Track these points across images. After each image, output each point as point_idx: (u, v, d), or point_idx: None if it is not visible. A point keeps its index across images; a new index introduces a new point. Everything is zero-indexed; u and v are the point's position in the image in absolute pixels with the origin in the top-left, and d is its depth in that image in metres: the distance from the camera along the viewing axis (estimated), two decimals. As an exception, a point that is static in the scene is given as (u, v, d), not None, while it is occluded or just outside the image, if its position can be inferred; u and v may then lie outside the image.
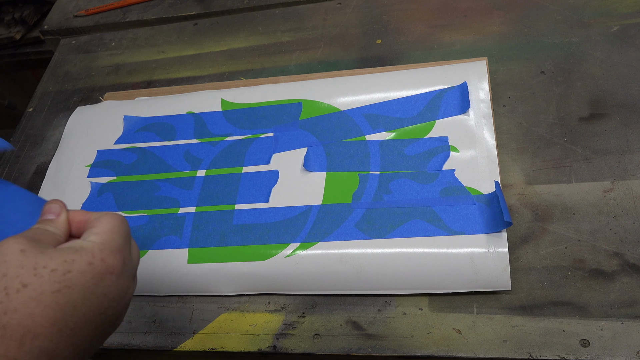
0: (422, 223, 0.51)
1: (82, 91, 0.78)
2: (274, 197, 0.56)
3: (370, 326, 0.49)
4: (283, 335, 0.50)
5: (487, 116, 0.56)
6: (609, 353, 0.43)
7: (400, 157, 0.56)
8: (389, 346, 0.47)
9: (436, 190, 0.53)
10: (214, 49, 0.77)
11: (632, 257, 0.47)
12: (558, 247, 0.49)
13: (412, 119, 0.58)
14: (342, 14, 0.75)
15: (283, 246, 0.53)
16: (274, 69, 0.71)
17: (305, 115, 0.62)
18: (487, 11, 0.68)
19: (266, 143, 0.61)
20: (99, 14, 0.87)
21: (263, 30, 0.77)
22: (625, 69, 0.58)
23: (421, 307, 0.49)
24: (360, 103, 0.61)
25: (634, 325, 0.44)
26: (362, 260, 0.50)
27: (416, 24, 0.70)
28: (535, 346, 0.45)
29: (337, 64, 0.69)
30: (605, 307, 0.45)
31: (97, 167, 0.65)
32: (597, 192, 0.51)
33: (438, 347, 0.46)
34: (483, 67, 0.59)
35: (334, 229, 0.52)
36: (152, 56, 0.79)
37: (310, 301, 0.52)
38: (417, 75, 0.61)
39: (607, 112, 0.55)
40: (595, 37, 0.61)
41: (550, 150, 0.54)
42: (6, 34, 1.12)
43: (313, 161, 0.57)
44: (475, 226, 0.49)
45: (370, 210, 0.53)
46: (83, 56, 0.84)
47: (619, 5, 0.63)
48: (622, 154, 0.52)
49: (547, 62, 0.61)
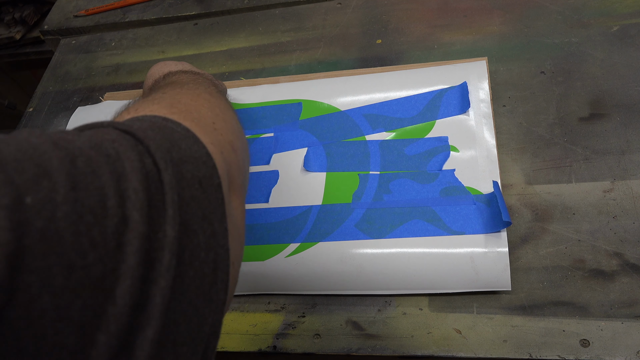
0: (422, 223, 0.51)
1: (82, 91, 0.78)
2: (274, 198, 0.56)
3: (370, 326, 0.49)
4: (283, 335, 0.50)
5: (487, 116, 0.56)
6: (609, 353, 0.43)
7: (400, 157, 0.56)
8: (389, 346, 0.47)
9: (436, 190, 0.53)
10: (214, 49, 0.77)
11: (632, 257, 0.47)
12: (558, 247, 0.49)
13: (412, 119, 0.58)
14: (342, 14, 0.75)
15: (283, 246, 0.53)
16: (274, 69, 0.71)
17: (305, 116, 0.62)
18: (487, 11, 0.68)
19: (266, 143, 0.61)
20: (99, 14, 0.87)
21: (263, 30, 0.77)
22: (625, 69, 0.58)
23: (421, 307, 0.49)
24: (360, 103, 0.61)
25: (634, 325, 0.44)
26: (362, 260, 0.50)
27: (416, 24, 0.70)
28: (535, 346, 0.45)
29: (337, 64, 0.69)
30: (605, 307, 0.45)
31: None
32: (597, 192, 0.51)
33: (438, 347, 0.46)
34: (483, 67, 0.59)
35: (334, 229, 0.52)
36: (152, 56, 0.79)
37: (310, 301, 0.52)
38: (417, 75, 0.61)
39: (607, 112, 0.55)
40: (595, 37, 0.61)
41: (550, 150, 0.54)
42: (6, 34, 1.12)
43: (313, 161, 0.57)
44: (475, 226, 0.49)
45: (370, 210, 0.53)
46: (83, 56, 0.84)
47: (619, 5, 0.63)
48: (622, 154, 0.52)
49: (547, 62, 0.61)
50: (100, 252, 0.20)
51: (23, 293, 0.17)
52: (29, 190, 0.18)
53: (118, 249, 0.20)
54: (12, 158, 0.19)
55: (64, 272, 0.18)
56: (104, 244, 0.20)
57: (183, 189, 0.24)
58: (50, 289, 0.18)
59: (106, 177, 0.21)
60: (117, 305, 0.20)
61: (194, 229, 0.24)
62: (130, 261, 0.20)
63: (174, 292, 0.22)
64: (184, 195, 0.24)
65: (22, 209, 0.18)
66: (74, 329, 0.18)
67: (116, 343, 0.19)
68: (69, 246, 0.19)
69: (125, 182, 0.22)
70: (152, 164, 0.24)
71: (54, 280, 0.18)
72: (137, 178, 0.22)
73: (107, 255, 0.20)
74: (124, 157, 0.23)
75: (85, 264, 0.19)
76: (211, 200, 0.26)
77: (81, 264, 0.19)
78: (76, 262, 0.19)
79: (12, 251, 0.17)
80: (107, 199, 0.21)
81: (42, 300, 0.17)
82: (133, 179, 0.22)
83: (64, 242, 0.18)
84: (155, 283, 0.21)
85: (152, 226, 0.22)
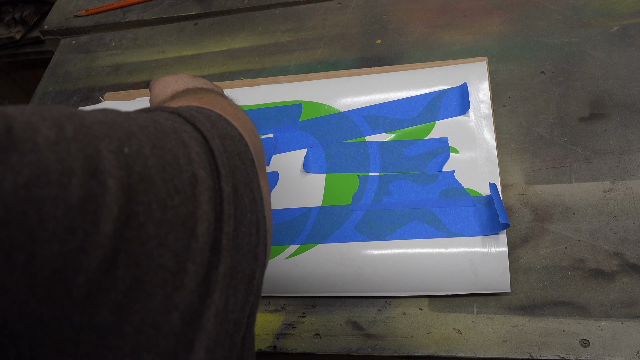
0: (422, 225, 0.51)
1: (82, 91, 0.78)
2: (274, 199, 0.56)
3: (370, 326, 0.49)
4: (283, 335, 0.50)
5: (487, 117, 0.56)
6: (609, 353, 0.43)
7: (400, 159, 0.56)
8: (389, 346, 0.47)
9: (436, 192, 0.53)
10: (214, 49, 0.77)
11: (632, 257, 0.47)
12: (558, 247, 0.49)
13: (412, 120, 0.58)
14: (342, 14, 0.75)
15: (282, 248, 0.53)
16: (274, 69, 0.71)
17: (305, 117, 0.62)
18: (487, 11, 0.68)
19: (266, 144, 0.61)
20: (99, 14, 0.87)
21: (263, 30, 0.77)
22: (625, 69, 0.58)
23: (421, 307, 0.49)
24: (360, 104, 0.61)
25: (634, 325, 0.44)
26: (362, 262, 0.50)
27: (416, 24, 0.70)
28: (535, 346, 0.45)
29: (337, 64, 0.69)
30: (605, 307, 0.45)
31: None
32: (597, 192, 0.51)
33: (438, 347, 0.46)
34: (483, 68, 0.59)
35: (334, 230, 0.52)
36: (152, 56, 0.79)
37: (310, 301, 0.52)
38: (417, 76, 0.61)
39: (607, 112, 0.55)
40: (595, 37, 0.61)
41: (550, 150, 0.54)
42: (6, 34, 1.12)
43: (313, 162, 0.57)
44: (474, 228, 0.49)
45: (369, 212, 0.53)
46: (83, 56, 0.84)
47: (619, 5, 0.63)
48: (622, 154, 0.52)
49: (547, 62, 0.61)
50: (182, 197, 0.23)
51: (134, 219, 0.20)
52: (125, 143, 0.22)
53: (194, 197, 0.24)
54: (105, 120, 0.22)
55: (161, 208, 0.22)
56: (184, 191, 0.23)
57: (228, 158, 0.28)
58: (152, 219, 0.21)
59: (174, 142, 0.25)
60: (199, 242, 0.23)
61: (240, 192, 0.28)
62: (205, 207, 0.24)
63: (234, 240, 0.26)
64: (230, 163, 0.28)
65: (123, 155, 0.21)
66: (172, 256, 0.22)
67: (202, 272, 0.23)
68: (161, 188, 0.22)
69: (188, 147, 0.25)
70: (202, 136, 0.27)
71: (154, 213, 0.21)
72: (196, 144, 0.26)
73: (188, 200, 0.23)
74: (181, 130, 0.27)
75: (174, 204, 0.23)
76: (249, 172, 0.30)
77: (171, 204, 0.22)
78: (167, 202, 0.22)
79: (124, 184, 0.20)
80: (179, 158, 0.24)
81: (148, 228, 0.21)
82: (193, 144, 0.26)
83: (157, 185, 0.22)
84: (222, 229, 0.25)
85: (215, 183, 0.26)
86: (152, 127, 0.25)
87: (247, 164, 0.30)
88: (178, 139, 0.25)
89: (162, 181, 0.22)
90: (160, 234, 0.22)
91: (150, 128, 0.25)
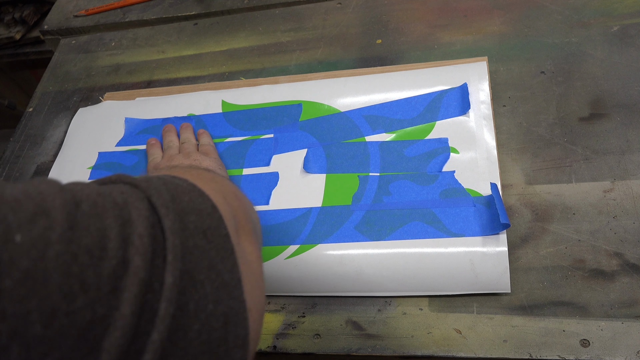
0: (422, 225, 0.51)
1: (82, 91, 0.78)
2: (274, 199, 0.56)
3: (370, 326, 0.49)
4: (283, 335, 0.50)
5: (488, 117, 0.56)
6: (609, 353, 0.43)
7: (400, 159, 0.56)
8: (389, 346, 0.47)
9: (436, 192, 0.52)
10: (214, 49, 0.77)
11: (632, 257, 0.47)
12: (558, 247, 0.49)
13: (412, 120, 0.58)
14: (342, 14, 0.75)
15: (283, 248, 0.53)
16: (274, 69, 0.71)
17: (305, 117, 0.62)
18: (487, 11, 0.68)
19: (266, 144, 0.61)
20: (99, 14, 0.87)
21: (263, 30, 0.77)
22: (625, 69, 0.58)
23: (421, 307, 0.49)
24: (360, 104, 0.61)
25: (634, 325, 0.44)
26: (362, 262, 0.50)
27: (416, 24, 0.70)
28: (535, 346, 0.45)
29: (337, 64, 0.69)
30: (605, 307, 0.45)
31: (98, 169, 0.65)
32: (597, 192, 0.51)
33: (438, 347, 0.46)
34: (483, 68, 0.59)
35: (334, 231, 0.52)
36: (152, 56, 0.79)
37: (310, 301, 0.52)
38: (417, 76, 0.61)
39: (607, 112, 0.55)
40: (595, 37, 0.61)
41: (550, 150, 0.54)
42: (6, 34, 1.12)
43: (313, 163, 0.57)
44: (474, 228, 0.49)
45: (369, 212, 0.53)
46: (83, 56, 0.84)
47: (619, 5, 0.63)
48: (622, 154, 0.52)
49: (547, 62, 0.61)
50: (92, 296, 0.18)
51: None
52: (20, 228, 0.18)
53: (113, 294, 0.19)
54: (12, 198, 0.19)
55: (44, 319, 0.17)
56: (97, 288, 0.19)
57: (186, 239, 0.24)
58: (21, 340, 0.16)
59: (110, 221, 0.21)
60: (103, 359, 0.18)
61: (200, 279, 0.23)
62: (124, 309, 0.19)
63: (173, 347, 0.21)
64: (187, 244, 0.23)
65: (7, 247, 0.17)
66: None
67: None
68: (55, 288, 0.18)
69: (131, 227, 0.21)
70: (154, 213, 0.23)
71: (29, 329, 0.17)
72: (144, 225, 0.22)
73: (100, 300, 0.19)
74: (132, 206, 0.23)
75: (71, 309, 0.18)
76: (219, 251, 0.25)
77: (66, 309, 0.18)
78: (61, 306, 0.18)
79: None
80: (108, 241, 0.20)
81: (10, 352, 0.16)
82: (139, 225, 0.22)
83: (50, 283, 0.18)
84: (149, 335, 0.20)
85: (153, 274, 0.21)
86: (89, 202, 0.21)
87: (216, 241, 0.25)
88: (120, 216, 0.22)
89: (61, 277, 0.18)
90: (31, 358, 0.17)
91: (84, 204, 0.21)
